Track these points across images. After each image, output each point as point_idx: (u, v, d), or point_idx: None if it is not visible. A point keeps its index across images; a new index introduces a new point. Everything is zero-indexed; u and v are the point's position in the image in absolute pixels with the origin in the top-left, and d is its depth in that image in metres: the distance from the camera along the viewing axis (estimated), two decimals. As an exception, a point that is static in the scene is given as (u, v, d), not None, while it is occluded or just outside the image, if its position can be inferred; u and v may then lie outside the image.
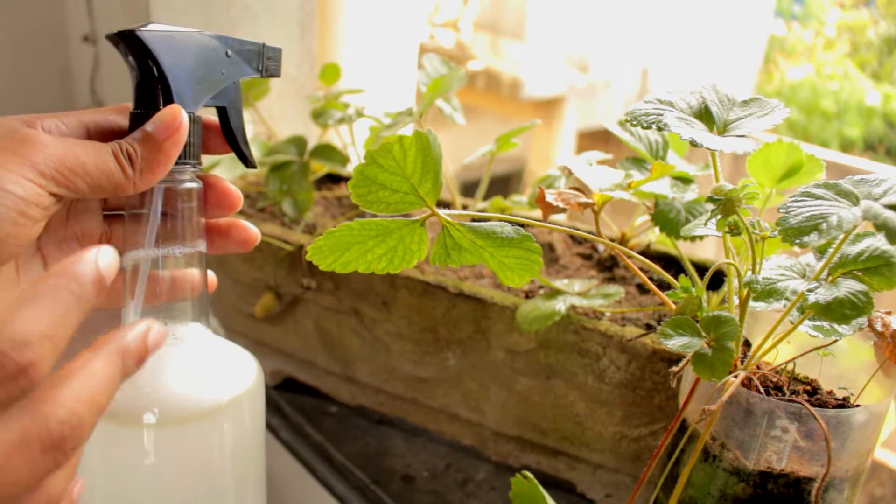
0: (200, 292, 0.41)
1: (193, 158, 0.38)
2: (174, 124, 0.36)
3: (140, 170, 0.35)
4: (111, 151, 0.35)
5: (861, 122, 4.06)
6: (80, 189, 0.34)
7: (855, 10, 4.53)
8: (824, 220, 0.35)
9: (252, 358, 0.43)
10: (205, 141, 0.40)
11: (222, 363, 0.41)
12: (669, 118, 0.41)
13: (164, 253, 0.38)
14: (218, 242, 0.42)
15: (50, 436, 0.26)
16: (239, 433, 0.40)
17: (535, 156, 3.12)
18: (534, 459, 0.59)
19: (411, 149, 0.38)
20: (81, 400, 0.27)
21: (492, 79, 2.93)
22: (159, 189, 0.38)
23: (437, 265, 0.42)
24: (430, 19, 3.25)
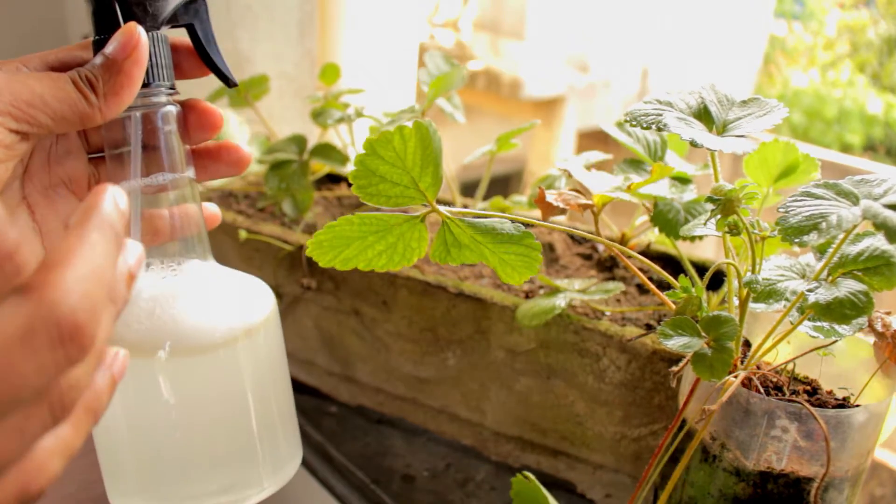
0: (199, 225, 0.39)
1: (166, 80, 0.37)
2: (132, 42, 0.34)
3: (104, 94, 0.34)
4: (69, 80, 0.33)
5: (862, 130, 4.06)
6: (42, 123, 0.32)
7: (855, 10, 4.53)
8: (824, 219, 0.35)
9: (266, 287, 0.42)
10: (178, 64, 0.39)
11: (235, 294, 0.40)
12: (669, 118, 0.41)
13: (150, 182, 0.37)
14: (210, 168, 0.40)
15: (59, 326, 0.23)
16: (258, 362, 0.39)
17: (535, 156, 3.12)
18: (534, 459, 0.59)
19: (411, 140, 0.38)
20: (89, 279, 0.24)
21: (492, 79, 2.93)
22: (136, 116, 0.36)
23: (437, 262, 0.42)
24: (430, 19, 3.25)
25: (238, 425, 0.39)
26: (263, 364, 0.40)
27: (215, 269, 0.40)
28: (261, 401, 0.40)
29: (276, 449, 0.41)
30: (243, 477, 0.40)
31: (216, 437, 0.39)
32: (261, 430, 0.40)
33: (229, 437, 0.39)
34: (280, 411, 0.42)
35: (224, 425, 0.39)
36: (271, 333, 0.41)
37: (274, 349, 0.41)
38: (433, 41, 3.16)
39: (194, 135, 0.40)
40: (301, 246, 0.63)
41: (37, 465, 0.25)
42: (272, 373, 0.41)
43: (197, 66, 0.39)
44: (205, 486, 0.39)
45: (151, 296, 0.37)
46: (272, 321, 0.41)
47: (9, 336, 0.22)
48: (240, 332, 0.38)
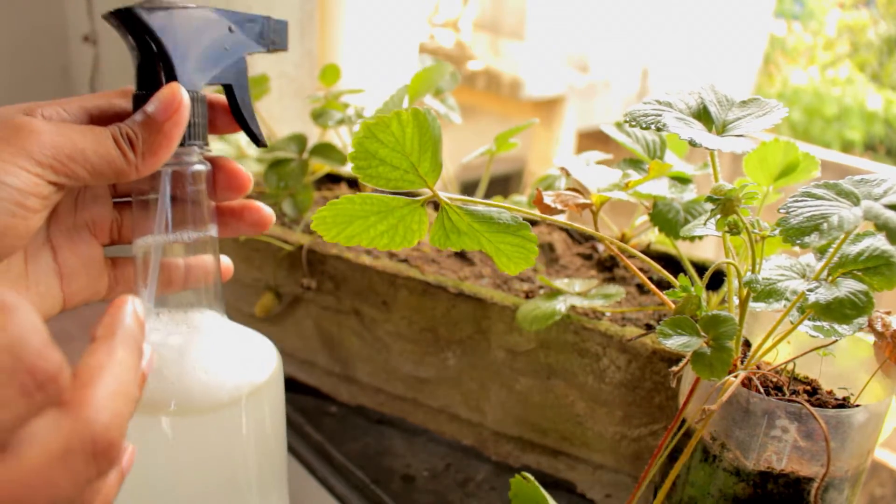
0: (215, 279, 0.40)
1: (200, 139, 0.37)
2: (174, 103, 0.34)
3: (142, 153, 0.34)
4: (111, 136, 0.33)
5: (862, 127, 4.06)
6: (80, 176, 0.33)
7: (855, 10, 4.53)
8: (825, 220, 0.35)
9: (271, 345, 0.42)
10: (212, 120, 0.39)
11: (241, 351, 0.40)
12: (668, 118, 0.41)
13: (174, 238, 0.37)
14: (231, 225, 0.41)
15: (95, 443, 0.25)
16: (260, 422, 0.39)
17: (535, 156, 3.12)
18: (534, 459, 0.59)
19: (408, 125, 0.38)
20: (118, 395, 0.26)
21: (492, 79, 2.93)
22: (166, 172, 0.37)
23: (436, 246, 0.42)
24: (430, 19, 3.25)
25: (237, 485, 0.40)
26: (265, 423, 0.40)
27: (223, 325, 0.41)
28: (260, 460, 0.40)
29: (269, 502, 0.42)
30: None
31: (215, 494, 0.39)
32: (259, 488, 0.41)
33: (228, 494, 0.39)
34: (277, 471, 0.42)
35: (223, 484, 0.39)
36: (274, 392, 0.41)
37: (276, 408, 0.41)
38: (433, 41, 3.16)
39: (221, 194, 0.40)
40: (301, 246, 0.63)
41: None
42: (273, 432, 0.41)
43: (230, 124, 0.39)
44: None
45: (160, 354, 0.38)
46: (276, 379, 0.41)
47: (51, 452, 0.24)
48: (244, 392, 0.38)
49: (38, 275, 0.36)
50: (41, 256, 0.37)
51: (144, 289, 0.38)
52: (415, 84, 0.60)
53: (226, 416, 0.38)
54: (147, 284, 0.37)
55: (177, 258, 0.38)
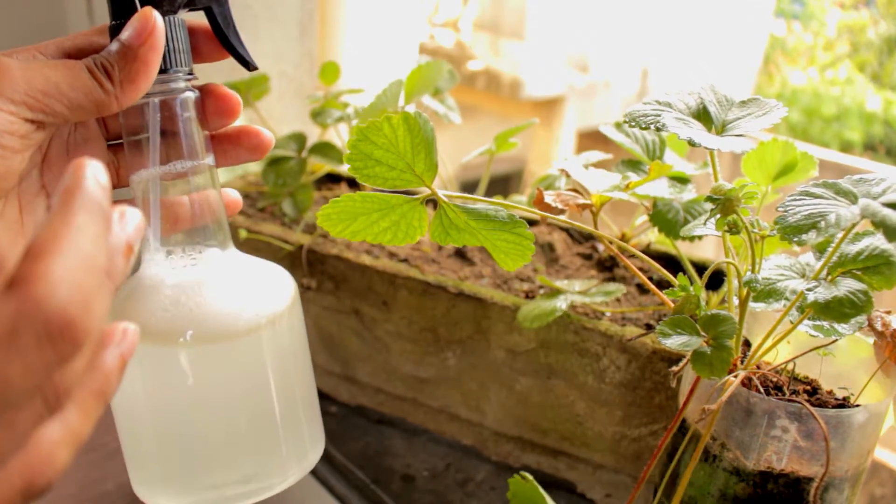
0: (219, 210, 0.39)
1: (184, 66, 0.36)
2: (147, 28, 0.33)
3: (119, 82, 0.33)
4: (85, 67, 0.32)
5: (861, 127, 4.06)
6: (57, 111, 0.32)
7: (855, 10, 4.53)
8: (822, 218, 0.35)
9: (287, 275, 0.42)
10: (196, 48, 0.38)
11: (257, 280, 0.40)
12: (668, 119, 0.41)
13: (169, 170, 0.37)
14: (230, 153, 0.40)
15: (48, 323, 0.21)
16: (280, 349, 0.39)
17: (535, 156, 3.12)
18: (534, 459, 0.59)
19: (399, 128, 0.39)
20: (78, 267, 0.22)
21: (492, 79, 2.93)
22: (154, 103, 0.36)
23: (437, 242, 0.42)
24: (430, 19, 3.25)
25: (262, 414, 0.39)
26: (286, 351, 0.39)
27: (236, 257, 0.40)
28: (284, 389, 0.39)
29: (299, 437, 0.41)
30: (267, 465, 0.39)
31: (240, 425, 0.38)
32: (284, 419, 0.40)
33: (253, 425, 0.39)
34: (303, 399, 0.41)
35: (247, 414, 0.38)
36: (294, 320, 0.40)
37: (296, 336, 0.41)
38: (433, 41, 3.16)
39: (212, 120, 0.39)
40: (301, 246, 0.63)
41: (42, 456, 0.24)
42: (295, 360, 0.40)
43: (215, 50, 0.38)
44: (229, 475, 0.39)
45: (175, 283, 0.37)
46: (294, 308, 0.40)
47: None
48: (263, 320, 0.38)
49: (34, 222, 0.35)
50: (36, 203, 0.36)
51: (148, 226, 0.37)
52: (411, 83, 0.60)
53: (245, 344, 0.37)
54: (150, 221, 0.37)
55: (178, 195, 0.38)
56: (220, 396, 0.38)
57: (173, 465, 0.38)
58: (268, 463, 0.39)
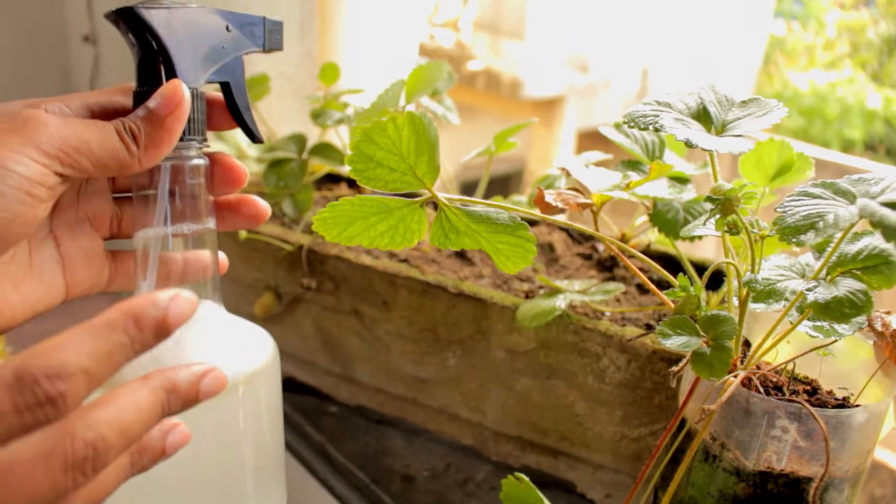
0: (213, 271, 0.40)
1: (199, 134, 0.38)
2: (175, 99, 0.35)
3: (144, 146, 0.35)
4: (114, 129, 0.35)
5: (862, 125, 4.07)
6: (84, 168, 0.34)
7: (855, 10, 4.53)
8: (821, 218, 0.35)
9: (267, 335, 0.43)
10: (210, 117, 0.40)
11: (237, 340, 0.41)
12: (666, 119, 0.41)
13: (173, 231, 0.38)
14: (228, 219, 0.42)
15: (74, 454, 0.26)
16: (255, 411, 0.40)
17: (535, 156, 3.12)
18: (534, 459, 0.59)
19: (404, 128, 0.38)
20: (112, 426, 0.27)
21: (492, 79, 2.93)
22: (166, 167, 0.38)
23: (436, 246, 0.42)
24: (430, 19, 3.25)
25: (233, 476, 0.40)
26: (261, 410, 0.40)
27: (220, 315, 0.41)
28: (257, 451, 0.41)
29: (266, 494, 0.42)
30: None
31: (211, 483, 0.39)
32: (255, 479, 0.41)
33: (223, 484, 0.40)
34: (274, 460, 0.43)
35: (219, 475, 0.39)
36: (270, 381, 0.41)
37: (272, 394, 0.42)
38: (433, 41, 3.17)
39: (217, 187, 0.41)
40: (301, 246, 0.63)
41: None
42: (269, 421, 0.41)
43: (226, 121, 0.41)
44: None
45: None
46: (272, 369, 0.41)
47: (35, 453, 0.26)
48: (241, 379, 0.39)
49: (42, 264, 0.37)
50: (45, 247, 0.38)
51: (144, 281, 0.38)
52: (411, 83, 0.60)
53: (221, 405, 0.38)
54: (147, 276, 0.38)
55: (175, 252, 0.39)
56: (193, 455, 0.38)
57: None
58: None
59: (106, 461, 0.27)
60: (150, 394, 0.29)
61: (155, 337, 0.28)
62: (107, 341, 0.27)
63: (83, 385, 0.26)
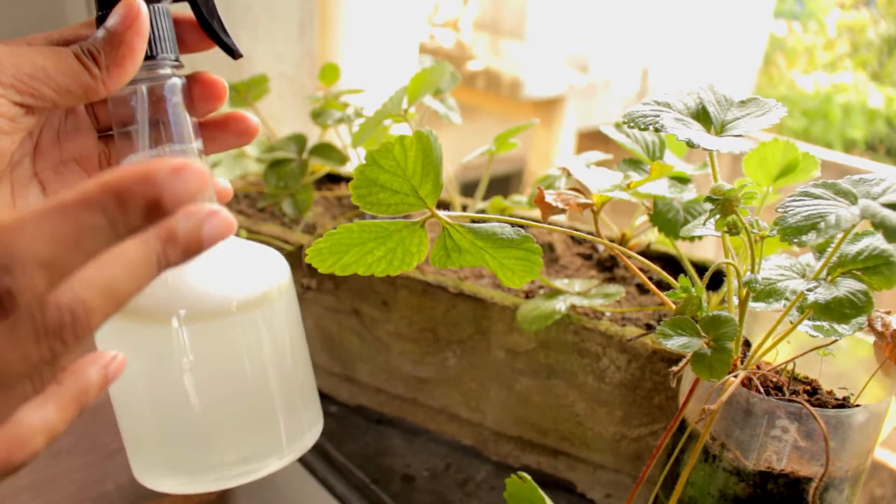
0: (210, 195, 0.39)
1: (169, 52, 0.37)
2: (132, 13, 0.34)
3: (106, 66, 0.34)
4: (72, 53, 0.33)
5: (864, 125, 4.07)
6: (46, 95, 0.33)
7: (855, 10, 4.53)
8: (822, 219, 0.35)
9: (280, 256, 0.42)
10: (182, 38, 0.39)
11: (250, 260, 0.40)
12: (666, 119, 0.41)
13: (158, 153, 0.37)
14: (218, 139, 0.41)
15: (45, 322, 0.23)
16: (274, 328, 0.39)
17: (535, 156, 3.12)
18: (534, 459, 0.59)
19: (412, 149, 0.38)
20: (92, 285, 0.24)
21: (492, 79, 2.93)
22: (141, 89, 0.37)
23: (436, 266, 0.42)
24: (430, 19, 3.25)
25: (257, 393, 0.39)
26: (280, 331, 0.40)
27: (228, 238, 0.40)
28: (279, 368, 0.40)
29: (295, 417, 0.41)
30: (264, 445, 0.40)
31: (235, 404, 0.39)
32: (280, 398, 0.40)
33: (249, 404, 0.39)
34: (299, 379, 0.41)
35: (243, 393, 0.39)
36: (287, 301, 0.40)
37: (290, 316, 0.41)
38: (433, 41, 3.17)
39: (200, 106, 0.39)
40: (301, 246, 0.63)
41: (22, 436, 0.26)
42: (289, 340, 0.40)
43: (200, 40, 0.39)
44: (226, 455, 0.39)
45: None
46: (287, 289, 0.40)
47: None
48: (255, 299, 0.38)
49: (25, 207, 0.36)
50: (29, 191, 0.37)
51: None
52: (414, 85, 0.60)
53: (238, 323, 0.37)
54: None
55: None
56: (214, 376, 0.38)
57: (172, 447, 0.39)
58: (265, 442, 0.40)
59: (90, 325, 0.24)
60: (141, 244, 0.25)
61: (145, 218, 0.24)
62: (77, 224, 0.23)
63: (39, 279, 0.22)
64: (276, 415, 0.40)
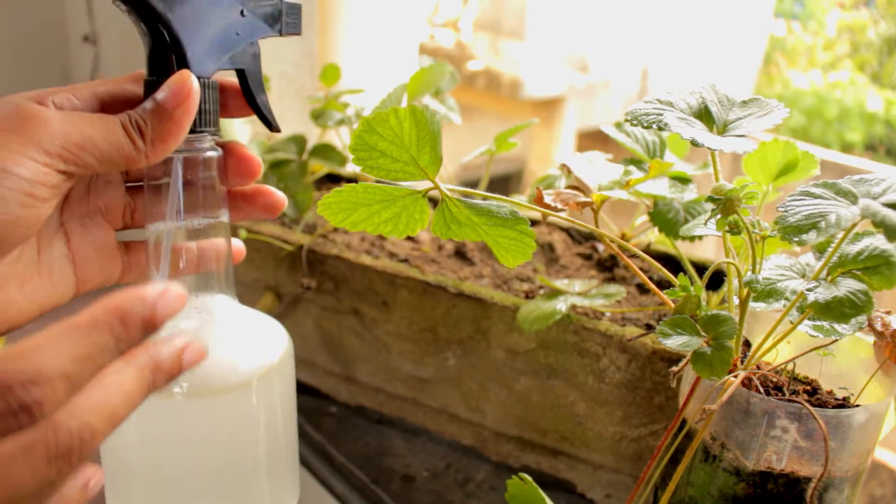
0: (226, 263, 0.40)
1: (211, 126, 0.37)
2: (184, 91, 0.34)
3: (151, 141, 0.34)
4: (119, 123, 0.33)
5: (862, 128, 4.07)
6: (89, 164, 0.33)
7: (855, 10, 4.53)
8: (823, 218, 0.35)
9: (282, 329, 0.42)
10: (224, 104, 0.39)
11: (253, 334, 0.41)
12: (670, 118, 0.41)
13: (186, 224, 0.37)
14: (244, 210, 0.41)
15: (57, 446, 0.25)
16: (271, 404, 0.39)
17: (535, 156, 3.12)
18: (534, 459, 0.59)
19: (406, 120, 0.38)
20: (98, 413, 0.26)
21: (492, 79, 2.93)
22: (178, 159, 0.37)
23: (438, 236, 0.42)
24: (430, 19, 3.25)
25: (247, 466, 0.40)
26: (277, 405, 0.40)
27: (234, 308, 0.41)
28: (270, 442, 0.40)
29: (279, 488, 0.42)
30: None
31: (225, 476, 0.39)
32: (267, 471, 0.41)
33: (237, 477, 0.39)
34: (287, 451, 0.42)
35: (233, 465, 0.39)
36: (285, 374, 0.41)
37: (286, 389, 0.41)
38: (433, 41, 3.16)
39: (231, 179, 0.40)
40: (301, 246, 0.63)
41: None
42: (283, 413, 0.41)
43: (242, 108, 0.39)
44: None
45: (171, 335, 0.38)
46: (287, 363, 0.41)
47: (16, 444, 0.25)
48: (256, 374, 0.38)
49: (50, 261, 0.36)
50: (54, 243, 0.37)
51: (157, 274, 0.38)
52: (413, 84, 0.60)
53: (237, 398, 0.38)
54: (159, 270, 0.37)
55: (189, 242, 0.38)
56: (208, 448, 0.38)
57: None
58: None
59: (93, 448, 0.26)
60: (136, 374, 0.28)
61: (142, 334, 0.27)
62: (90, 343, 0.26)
63: (62, 390, 0.25)
64: (262, 486, 0.41)
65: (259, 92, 0.39)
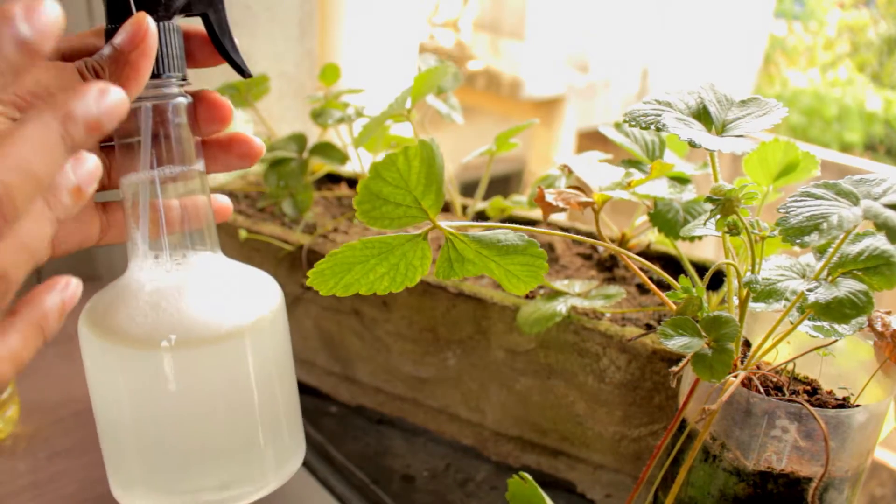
0: (207, 216, 0.39)
1: (177, 71, 0.36)
2: (139, 33, 0.33)
3: None
4: (75, 70, 0.32)
5: (861, 128, 4.07)
6: None
7: (855, 10, 4.53)
8: (825, 219, 0.35)
9: (273, 281, 0.42)
10: (191, 53, 0.38)
11: (242, 287, 0.40)
12: (668, 119, 0.41)
13: (160, 174, 0.37)
14: (221, 159, 0.40)
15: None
16: (263, 355, 0.39)
17: (535, 156, 3.12)
18: (534, 459, 0.59)
19: (415, 160, 0.37)
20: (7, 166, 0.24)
21: (492, 79, 2.93)
22: (146, 107, 0.36)
23: (441, 279, 0.41)
24: (430, 19, 3.25)
25: (242, 419, 0.39)
26: (269, 358, 0.39)
27: (222, 262, 0.40)
28: (265, 395, 0.39)
29: (279, 445, 0.41)
30: (245, 472, 0.39)
31: (219, 430, 0.38)
32: (265, 425, 0.40)
33: (233, 431, 0.39)
34: (284, 406, 0.41)
35: (228, 419, 0.38)
36: (278, 327, 0.40)
37: (280, 343, 0.40)
38: (433, 41, 3.17)
39: (204, 126, 0.39)
40: (301, 246, 0.63)
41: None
42: (277, 367, 0.40)
43: (210, 56, 0.38)
44: (206, 480, 0.39)
45: (156, 289, 0.37)
46: (279, 315, 0.40)
47: None
48: (246, 325, 0.38)
49: None
50: None
51: (136, 229, 0.37)
52: (417, 84, 0.60)
53: (228, 348, 0.37)
54: (139, 225, 0.37)
55: (169, 199, 0.38)
56: (200, 401, 0.37)
57: (151, 468, 0.38)
58: (247, 470, 0.39)
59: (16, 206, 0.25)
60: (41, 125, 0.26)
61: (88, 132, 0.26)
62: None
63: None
64: (259, 442, 0.40)
65: (225, 36, 0.38)
